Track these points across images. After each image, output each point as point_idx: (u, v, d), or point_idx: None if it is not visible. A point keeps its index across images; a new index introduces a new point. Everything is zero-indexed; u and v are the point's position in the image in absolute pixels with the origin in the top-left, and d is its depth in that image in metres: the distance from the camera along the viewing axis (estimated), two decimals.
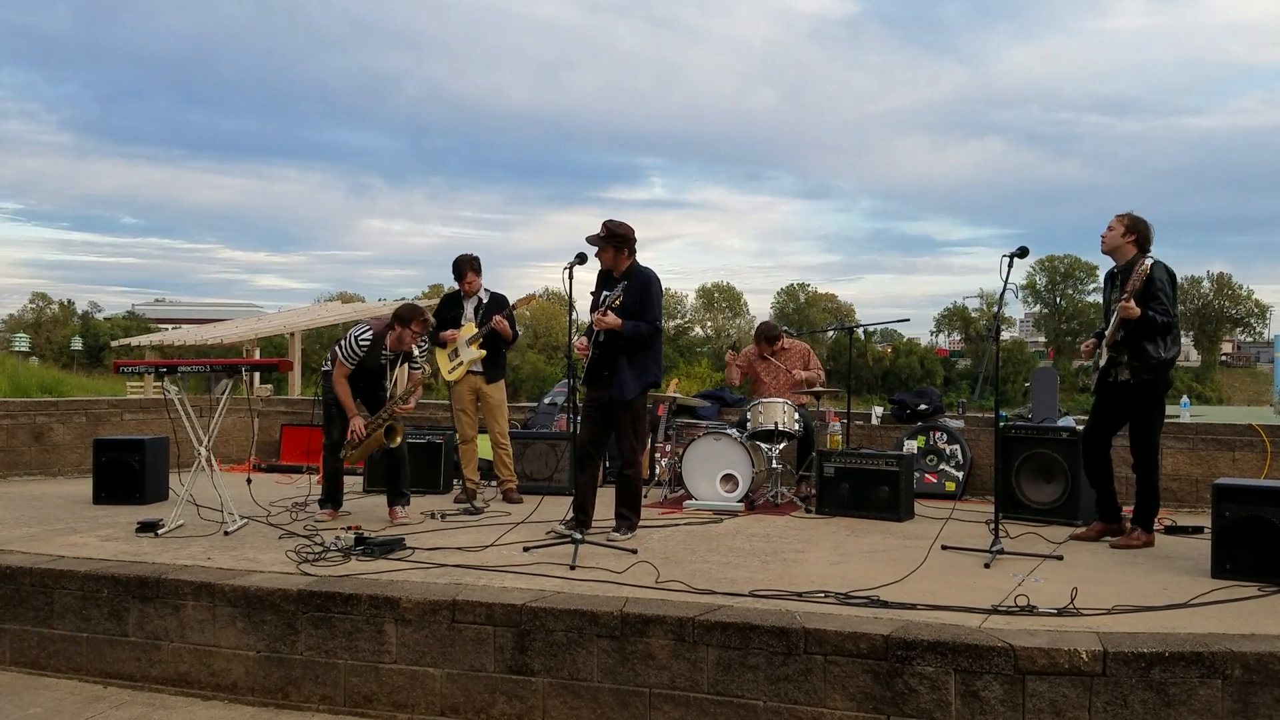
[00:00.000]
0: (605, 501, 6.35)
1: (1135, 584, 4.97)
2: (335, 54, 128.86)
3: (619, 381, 6.02)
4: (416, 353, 6.94)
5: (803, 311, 75.42)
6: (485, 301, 7.67)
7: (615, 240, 6.10)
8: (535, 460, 8.38)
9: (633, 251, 6.19)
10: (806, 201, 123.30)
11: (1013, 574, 5.14)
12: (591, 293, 6.34)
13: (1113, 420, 6.09)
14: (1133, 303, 5.71)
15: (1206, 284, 78.45)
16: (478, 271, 7.66)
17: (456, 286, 7.82)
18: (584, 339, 6.22)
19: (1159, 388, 5.92)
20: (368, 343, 6.75)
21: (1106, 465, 6.16)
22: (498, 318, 7.44)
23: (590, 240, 6.11)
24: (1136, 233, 5.96)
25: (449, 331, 7.64)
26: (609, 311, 5.97)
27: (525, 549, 5.67)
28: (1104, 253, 6.10)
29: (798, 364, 8.38)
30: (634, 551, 5.59)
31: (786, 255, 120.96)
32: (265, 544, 5.92)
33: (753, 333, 8.84)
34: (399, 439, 6.82)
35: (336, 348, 6.85)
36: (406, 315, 6.80)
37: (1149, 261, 5.75)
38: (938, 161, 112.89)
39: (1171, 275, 5.90)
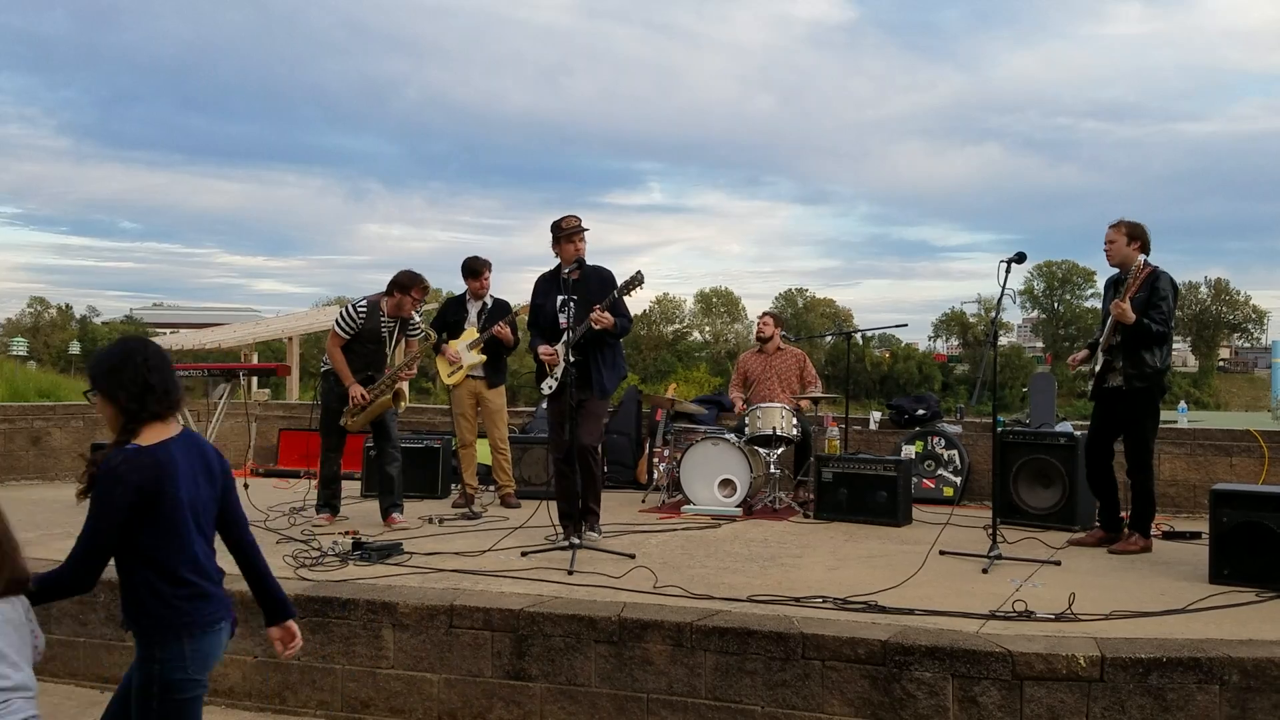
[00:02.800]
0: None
1: (1133, 589, 4.97)
2: (334, 59, 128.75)
3: (598, 379, 5.97)
4: (417, 318, 6.89)
5: (801, 317, 75.40)
6: (489, 307, 7.68)
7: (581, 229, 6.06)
8: (533, 465, 8.38)
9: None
10: (805, 207, 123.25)
11: (1010, 579, 5.14)
12: (536, 302, 6.19)
13: (1112, 427, 6.10)
14: (1129, 305, 5.73)
15: (1204, 289, 78.47)
16: (490, 271, 7.72)
17: (463, 289, 7.81)
18: (548, 346, 6.04)
19: (1153, 394, 5.94)
20: (365, 309, 6.74)
21: (1109, 474, 6.16)
22: (500, 325, 7.45)
23: (578, 228, 6.02)
24: (1139, 238, 5.99)
25: (449, 351, 7.62)
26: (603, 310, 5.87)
27: (523, 554, 5.67)
28: (1112, 265, 6.11)
29: (793, 372, 8.41)
30: (632, 556, 5.59)
31: (785, 260, 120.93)
32: (263, 548, 5.87)
33: (755, 321, 8.90)
34: (403, 404, 6.84)
35: (335, 320, 6.83)
36: (406, 282, 6.70)
37: (1140, 259, 5.77)
38: (936, 167, 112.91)
39: (1175, 289, 5.94)
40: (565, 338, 5.94)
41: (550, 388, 6.03)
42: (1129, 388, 5.89)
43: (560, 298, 6.04)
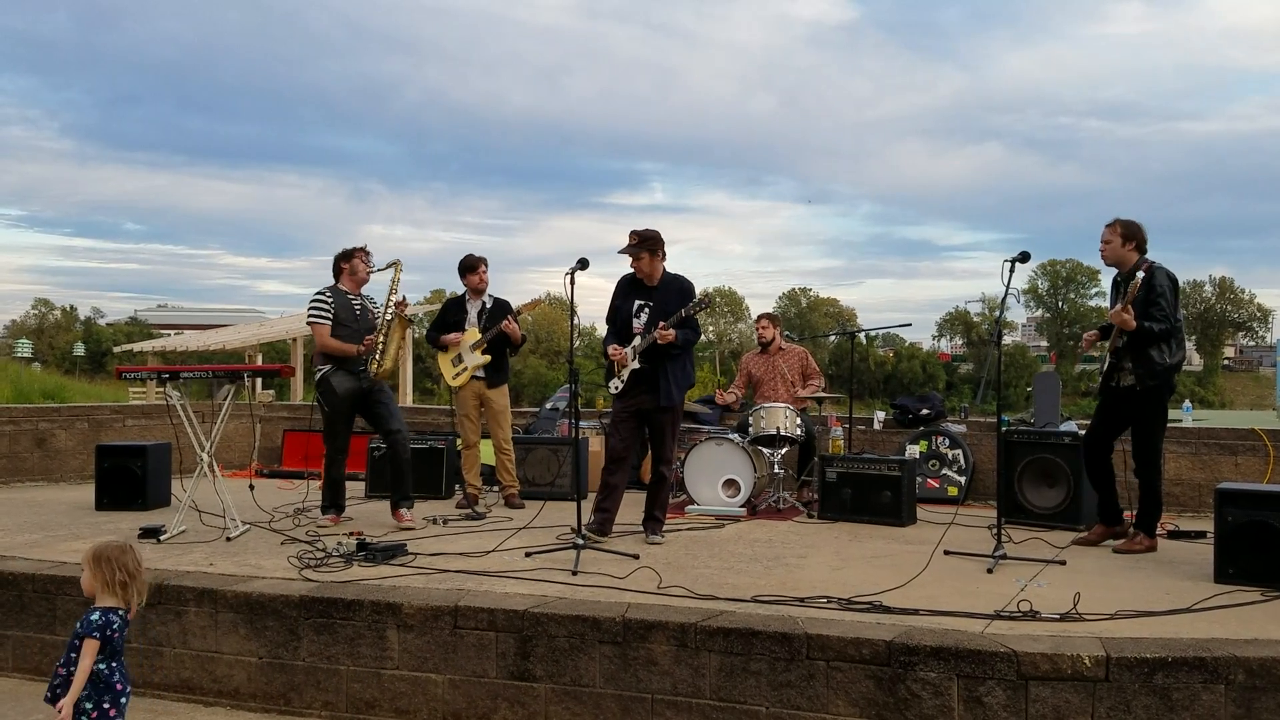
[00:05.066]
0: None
1: (1138, 589, 4.97)
2: (334, 59, 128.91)
3: (665, 388, 6.10)
4: (374, 268, 6.93)
5: (804, 316, 75.44)
6: (489, 306, 7.68)
7: (649, 244, 6.17)
8: (537, 465, 8.38)
9: (664, 254, 6.26)
10: (807, 206, 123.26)
11: (1015, 579, 5.13)
12: (616, 302, 6.32)
13: (1115, 424, 6.11)
14: (1130, 313, 5.74)
15: (1209, 288, 78.41)
16: (487, 266, 7.72)
17: (461, 289, 7.82)
18: (618, 347, 6.21)
19: (1163, 393, 5.93)
20: (329, 292, 6.80)
21: (1108, 468, 6.17)
22: (508, 320, 7.45)
23: (626, 251, 6.16)
24: (1134, 238, 6.00)
25: (452, 335, 7.64)
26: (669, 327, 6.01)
27: (527, 554, 5.67)
28: (1108, 264, 6.14)
29: (796, 369, 8.43)
30: (636, 557, 5.59)
31: (788, 260, 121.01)
32: (267, 550, 5.92)
33: (755, 322, 8.88)
34: (411, 324, 6.95)
35: (310, 317, 6.87)
36: (346, 252, 6.91)
37: (1139, 275, 5.78)
38: (937, 166, 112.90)
39: (1173, 281, 5.92)
40: (634, 342, 6.14)
41: (616, 387, 6.22)
42: (1142, 387, 5.88)
43: (638, 302, 6.21)
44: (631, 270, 6.29)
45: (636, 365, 6.12)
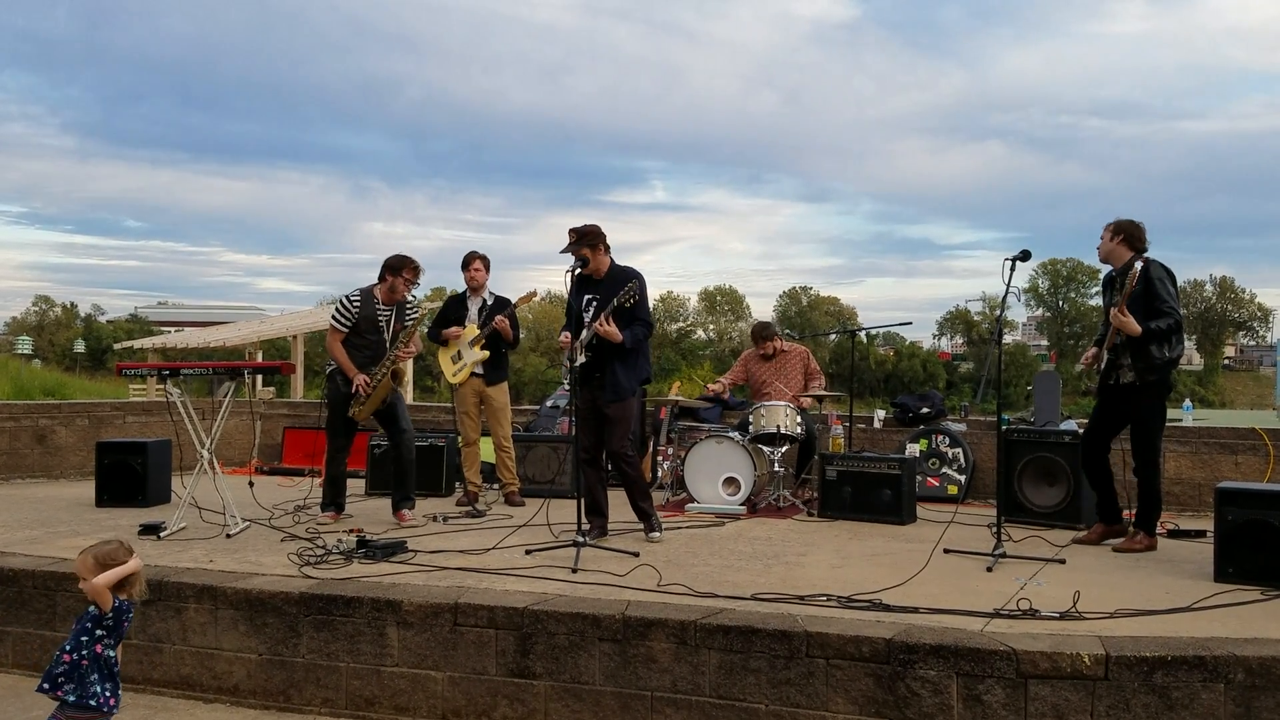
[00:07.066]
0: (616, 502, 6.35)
1: (1138, 588, 4.97)
2: (336, 57, 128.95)
3: (612, 382, 6.07)
4: (411, 298, 6.89)
5: (805, 315, 75.42)
6: (489, 303, 7.69)
7: (588, 239, 6.14)
8: (537, 463, 8.38)
9: (607, 247, 6.23)
10: (808, 205, 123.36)
11: (1015, 577, 5.13)
12: (569, 298, 6.31)
13: (1113, 423, 6.10)
14: (1127, 315, 5.73)
15: (1209, 287, 78.41)
16: (486, 265, 7.71)
17: (462, 288, 7.83)
18: (567, 333, 6.18)
19: (1162, 390, 5.92)
20: (359, 298, 6.75)
21: (1106, 467, 6.17)
22: (499, 318, 7.45)
23: (569, 250, 6.13)
24: (1124, 233, 6.01)
25: (451, 329, 7.65)
26: (610, 319, 5.97)
27: (527, 552, 5.67)
28: (1101, 261, 6.19)
29: (797, 369, 8.41)
30: (636, 554, 5.59)
31: (788, 258, 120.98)
32: (267, 547, 5.92)
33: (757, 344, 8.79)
34: (405, 379, 6.84)
35: (331, 315, 6.85)
36: (396, 264, 6.76)
37: (1138, 265, 5.77)
38: (938, 165, 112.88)
39: (1170, 273, 5.91)
40: (582, 335, 6.10)
41: (568, 378, 6.26)
42: (1142, 382, 5.87)
43: (586, 296, 6.20)
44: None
45: (584, 359, 6.08)
